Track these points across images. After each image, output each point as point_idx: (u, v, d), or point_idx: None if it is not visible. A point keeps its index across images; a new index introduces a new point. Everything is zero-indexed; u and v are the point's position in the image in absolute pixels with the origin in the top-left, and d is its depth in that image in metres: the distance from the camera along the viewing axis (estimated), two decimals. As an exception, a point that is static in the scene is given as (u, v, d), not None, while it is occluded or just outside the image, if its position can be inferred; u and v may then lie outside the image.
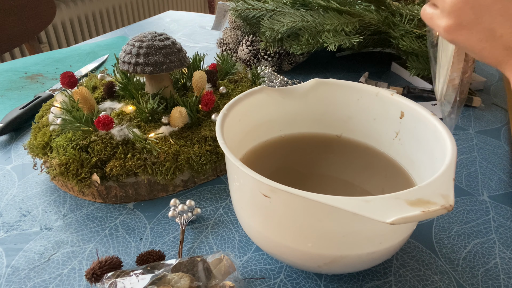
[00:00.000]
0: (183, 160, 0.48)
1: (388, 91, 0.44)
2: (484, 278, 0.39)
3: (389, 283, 0.39)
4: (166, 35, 0.53)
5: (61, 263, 0.41)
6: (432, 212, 0.26)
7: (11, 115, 0.63)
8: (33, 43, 1.30)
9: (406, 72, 0.79)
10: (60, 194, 0.51)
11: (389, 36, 0.74)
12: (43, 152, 0.50)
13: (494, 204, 0.49)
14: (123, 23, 2.22)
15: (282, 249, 0.35)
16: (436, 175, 0.30)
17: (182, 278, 0.34)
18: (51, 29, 1.82)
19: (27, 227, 0.45)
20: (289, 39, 0.75)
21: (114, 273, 0.34)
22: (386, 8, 0.71)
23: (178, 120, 0.50)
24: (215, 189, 0.51)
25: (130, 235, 0.44)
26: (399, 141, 0.44)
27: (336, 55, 0.93)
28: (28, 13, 1.23)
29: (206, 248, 0.43)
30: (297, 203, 0.31)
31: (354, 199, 0.27)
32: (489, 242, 0.43)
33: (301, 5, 0.75)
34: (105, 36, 1.10)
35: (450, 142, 0.34)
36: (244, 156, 0.44)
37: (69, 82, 0.56)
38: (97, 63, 0.86)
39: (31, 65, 0.88)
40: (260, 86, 0.44)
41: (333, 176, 0.44)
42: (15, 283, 0.39)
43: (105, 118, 0.47)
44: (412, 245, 0.43)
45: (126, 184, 0.48)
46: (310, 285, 0.38)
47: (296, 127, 0.48)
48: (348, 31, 0.67)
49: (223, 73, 0.65)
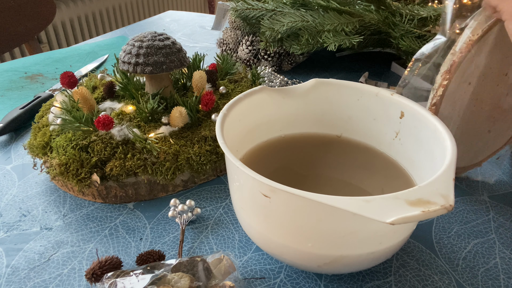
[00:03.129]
0: (183, 160, 0.48)
1: (388, 91, 0.44)
2: (484, 278, 0.39)
3: (389, 283, 0.39)
4: (166, 35, 0.53)
5: (61, 263, 0.41)
6: (432, 212, 0.26)
7: (11, 115, 0.63)
8: (33, 43, 1.30)
9: (406, 72, 0.79)
10: (60, 194, 0.51)
11: (389, 36, 0.74)
12: (43, 152, 0.50)
13: (494, 204, 0.49)
14: (123, 23, 2.22)
15: (282, 249, 0.35)
16: (436, 175, 0.30)
17: (182, 278, 0.34)
18: (51, 29, 1.82)
19: (27, 227, 0.45)
20: (289, 39, 0.75)
21: (114, 273, 0.34)
22: (386, 8, 0.71)
23: (178, 120, 0.50)
24: (215, 189, 0.51)
25: (130, 235, 0.44)
26: (399, 141, 0.44)
27: (336, 55, 0.93)
28: (28, 13, 1.23)
29: (206, 248, 0.43)
30: (297, 203, 0.31)
31: (354, 199, 0.27)
32: (489, 242, 0.43)
33: (301, 5, 0.75)
34: (105, 36, 1.10)
35: (450, 142, 0.34)
36: (244, 156, 0.44)
37: (69, 82, 0.56)
38: (97, 63, 0.86)
39: (31, 65, 0.88)
40: (260, 86, 0.44)
41: (333, 176, 0.44)
42: (15, 283, 0.39)
43: (105, 118, 0.47)
44: (412, 245, 0.43)
45: (126, 184, 0.48)
46: (310, 285, 0.38)
47: (296, 127, 0.48)
48: (348, 31, 0.67)
49: (223, 73, 0.65)
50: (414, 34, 0.69)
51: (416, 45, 0.68)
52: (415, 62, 0.50)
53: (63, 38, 1.88)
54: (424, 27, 0.69)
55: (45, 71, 0.85)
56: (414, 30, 0.69)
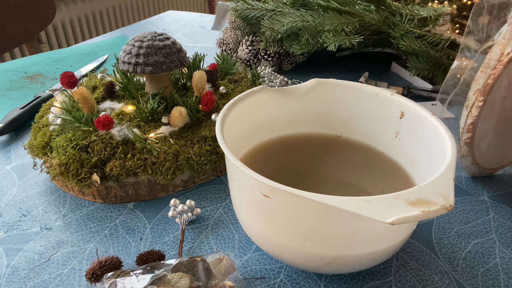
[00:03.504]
0: (183, 160, 0.48)
1: (388, 91, 0.44)
2: (484, 278, 0.39)
3: (389, 283, 0.39)
4: (166, 35, 0.53)
5: (61, 263, 0.41)
6: (432, 212, 0.26)
7: (11, 115, 0.63)
8: (33, 43, 1.30)
9: (406, 72, 0.79)
10: (60, 194, 0.51)
11: (389, 36, 0.74)
12: (43, 152, 0.50)
13: (494, 204, 0.49)
14: (123, 23, 2.22)
15: (282, 249, 0.35)
16: (436, 175, 0.30)
17: (182, 278, 0.34)
18: (51, 29, 1.82)
19: (27, 227, 0.45)
20: (289, 39, 0.75)
21: (114, 273, 0.34)
22: (386, 8, 0.71)
23: (178, 120, 0.50)
24: (215, 189, 0.51)
25: (130, 235, 0.44)
26: (399, 141, 0.44)
27: (336, 55, 0.93)
28: (28, 13, 1.23)
29: (206, 248, 0.43)
30: (297, 203, 0.31)
31: (354, 199, 0.27)
32: (489, 242, 0.43)
33: (301, 5, 0.75)
34: (105, 36, 1.10)
35: (450, 142, 0.34)
36: (244, 156, 0.44)
37: (69, 82, 0.56)
38: (97, 63, 0.86)
39: (31, 65, 0.88)
40: (260, 86, 0.44)
41: (333, 176, 0.44)
42: (15, 283, 0.39)
43: (105, 118, 0.47)
44: (412, 245, 0.43)
45: (126, 184, 0.48)
46: (310, 285, 0.38)
47: (296, 127, 0.48)
48: (348, 31, 0.67)
49: (223, 73, 0.65)
50: (414, 34, 0.69)
51: (416, 45, 0.68)
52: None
53: (63, 38, 1.88)
54: (424, 27, 0.69)
55: (45, 71, 0.85)
56: (414, 30, 0.69)
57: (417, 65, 0.70)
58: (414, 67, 0.71)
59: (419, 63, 0.70)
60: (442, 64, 0.70)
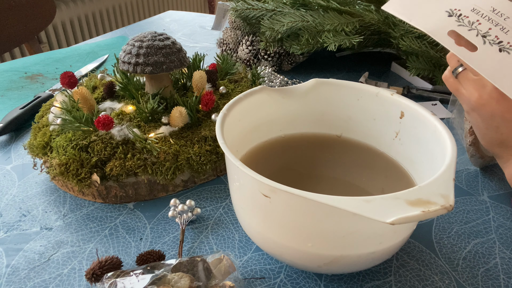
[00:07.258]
0: (183, 160, 0.48)
1: (388, 91, 0.44)
2: (484, 278, 0.39)
3: (389, 283, 0.39)
4: (166, 35, 0.53)
5: (61, 263, 0.41)
6: (432, 212, 0.26)
7: (11, 115, 0.63)
8: (33, 43, 1.30)
9: (406, 72, 0.79)
10: (60, 194, 0.51)
11: (389, 36, 0.74)
12: (43, 152, 0.50)
13: (494, 204, 0.49)
14: (123, 23, 2.22)
15: (282, 249, 0.35)
16: (436, 175, 0.30)
17: (182, 278, 0.34)
18: (51, 29, 1.82)
19: (27, 227, 0.45)
20: (289, 39, 0.75)
21: (114, 273, 0.34)
22: (386, 8, 0.71)
23: (178, 120, 0.50)
24: (215, 189, 0.51)
25: (130, 235, 0.44)
26: (399, 141, 0.44)
27: (336, 55, 0.93)
28: (28, 13, 1.23)
29: (206, 248, 0.43)
30: (297, 203, 0.31)
31: (354, 199, 0.27)
32: (489, 242, 0.43)
33: (301, 5, 0.75)
34: (105, 36, 1.10)
35: (450, 142, 0.34)
36: (244, 156, 0.44)
37: (69, 82, 0.56)
38: (97, 63, 0.86)
39: (31, 65, 0.88)
40: (260, 86, 0.44)
41: (333, 176, 0.44)
42: (15, 283, 0.39)
43: (105, 118, 0.47)
44: (412, 245, 0.43)
45: (126, 184, 0.48)
46: (310, 285, 0.38)
47: (296, 127, 0.48)
48: (348, 31, 0.67)
49: (223, 73, 0.65)
50: (414, 34, 0.69)
51: (416, 45, 0.68)
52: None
53: (63, 38, 1.88)
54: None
55: (45, 71, 0.85)
56: (414, 30, 0.69)
57: (417, 65, 0.70)
58: (414, 67, 0.71)
59: (419, 63, 0.70)
60: (442, 64, 0.70)
